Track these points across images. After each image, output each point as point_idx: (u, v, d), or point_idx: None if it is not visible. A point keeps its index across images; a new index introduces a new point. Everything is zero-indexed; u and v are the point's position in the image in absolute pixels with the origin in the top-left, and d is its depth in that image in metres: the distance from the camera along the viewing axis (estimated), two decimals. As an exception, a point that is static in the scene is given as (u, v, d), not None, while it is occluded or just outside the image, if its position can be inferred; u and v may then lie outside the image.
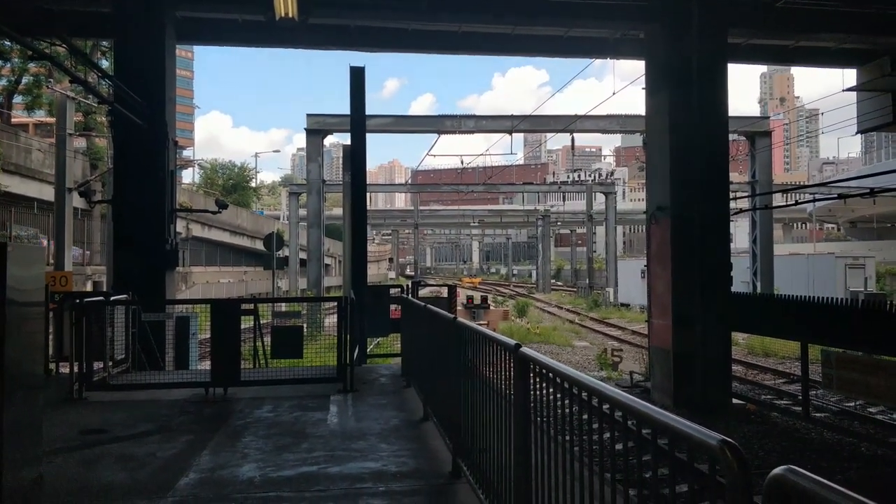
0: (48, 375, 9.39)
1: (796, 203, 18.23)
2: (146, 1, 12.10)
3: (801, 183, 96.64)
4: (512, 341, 3.79)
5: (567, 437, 3.14)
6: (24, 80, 32.88)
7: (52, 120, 35.47)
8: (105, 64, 26.84)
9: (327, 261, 52.31)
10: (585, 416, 2.85)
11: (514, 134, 31.00)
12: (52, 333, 9.48)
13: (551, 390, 3.27)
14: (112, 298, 9.23)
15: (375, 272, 79.58)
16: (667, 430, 2.06)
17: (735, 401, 13.62)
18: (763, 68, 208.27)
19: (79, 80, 10.08)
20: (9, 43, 25.50)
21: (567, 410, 3.04)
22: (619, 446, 2.59)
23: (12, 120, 36.11)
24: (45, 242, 28.38)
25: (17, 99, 34.87)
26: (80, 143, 29.08)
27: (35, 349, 5.17)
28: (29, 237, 28.78)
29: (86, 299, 8.77)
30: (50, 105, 32.60)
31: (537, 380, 3.39)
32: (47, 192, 25.16)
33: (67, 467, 5.62)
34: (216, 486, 5.13)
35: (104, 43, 27.32)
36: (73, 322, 8.37)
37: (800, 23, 14.80)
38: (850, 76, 18.61)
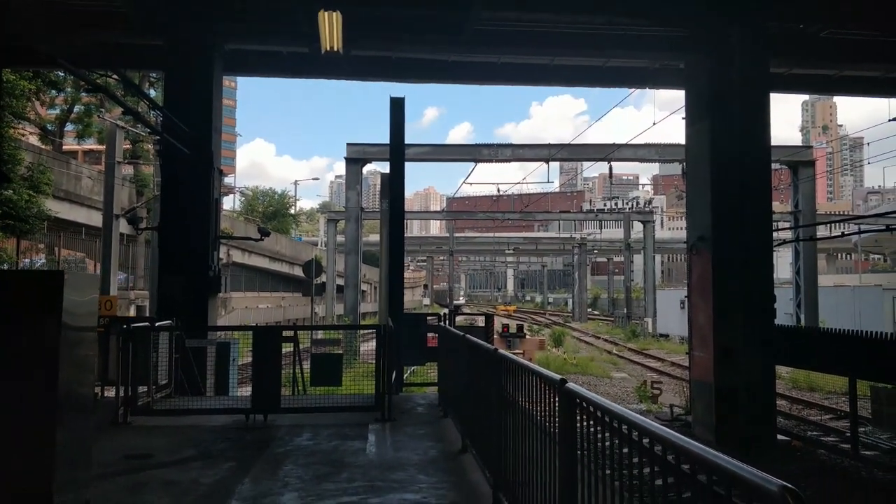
0: (94, 399, 9.59)
1: (843, 235, 17.80)
2: (196, 35, 12.49)
3: (846, 212, 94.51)
4: (557, 376, 3.77)
5: (612, 474, 3.10)
6: (76, 108, 34.14)
7: (102, 148, 36.63)
8: (153, 94, 27.74)
9: (363, 287, 52.65)
10: (627, 450, 2.81)
11: (550, 162, 31.06)
12: (97, 357, 9.69)
13: (598, 428, 3.23)
14: (157, 324, 9.41)
15: (410, 298, 79.74)
16: (722, 473, 2.02)
17: (780, 437, 13.24)
18: (805, 96, 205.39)
19: (131, 111, 10.44)
20: (62, 73, 26.49)
21: (617, 451, 3.00)
22: (659, 481, 2.55)
23: (63, 147, 37.39)
24: (91, 267, 29.16)
25: (69, 127, 36.18)
26: (127, 170, 29.93)
27: (87, 373, 5.30)
28: (76, 262, 29.62)
29: (133, 325, 8.97)
30: (100, 133, 33.73)
31: (584, 416, 3.36)
32: (95, 218, 25.89)
33: (113, 492, 5.71)
34: (258, 515, 5.16)
35: (152, 74, 28.29)
36: (120, 347, 8.56)
37: (844, 53, 14.62)
38: (896, 105, 18.26)
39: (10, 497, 4.52)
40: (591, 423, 3.27)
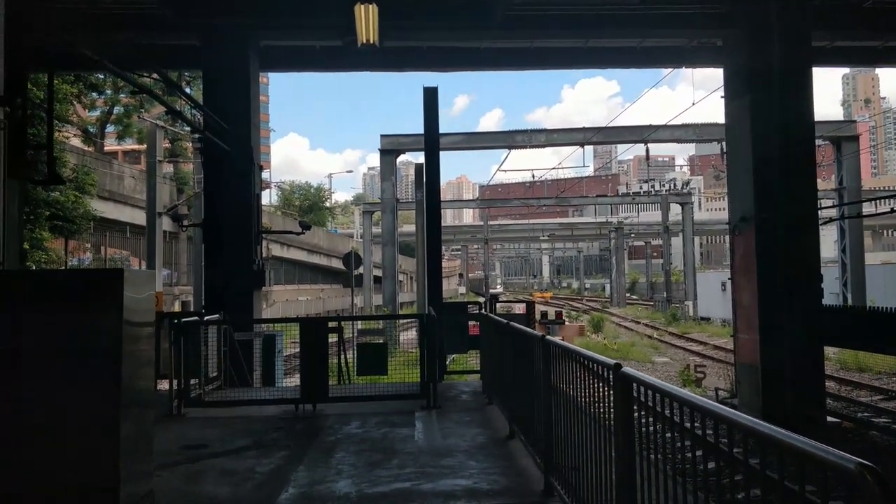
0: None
1: (892, 210, 17.25)
2: (233, 32, 12.64)
3: (891, 188, 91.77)
4: (611, 360, 3.78)
5: (669, 457, 3.10)
6: (116, 110, 34.88)
7: (141, 147, 37.40)
8: (188, 91, 28.17)
9: (399, 277, 52.91)
10: (677, 433, 2.81)
11: (585, 146, 30.78)
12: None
13: (655, 411, 3.23)
14: (206, 318, 9.63)
15: (446, 288, 79.60)
16: (793, 453, 2.02)
17: (830, 418, 13.01)
18: (845, 69, 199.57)
19: (174, 111, 10.64)
20: (101, 76, 27.07)
21: (676, 434, 3.00)
22: (709, 464, 2.54)
23: (104, 148, 38.26)
24: (135, 264, 29.85)
25: (109, 128, 37.00)
26: (167, 168, 30.53)
27: (146, 367, 5.46)
28: (121, 260, 30.35)
29: (183, 319, 9.19)
30: (139, 133, 34.43)
31: (640, 401, 3.37)
32: (138, 217, 26.48)
33: (174, 481, 5.89)
34: (315, 502, 5.28)
35: (186, 73, 28.74)
36: (172, 341, 8.78)
37: (889, 22, 14.17)
38: (945, 75, 17.66)
39: (79, 489, 4.70)
40: (648, 407, 3.26)
